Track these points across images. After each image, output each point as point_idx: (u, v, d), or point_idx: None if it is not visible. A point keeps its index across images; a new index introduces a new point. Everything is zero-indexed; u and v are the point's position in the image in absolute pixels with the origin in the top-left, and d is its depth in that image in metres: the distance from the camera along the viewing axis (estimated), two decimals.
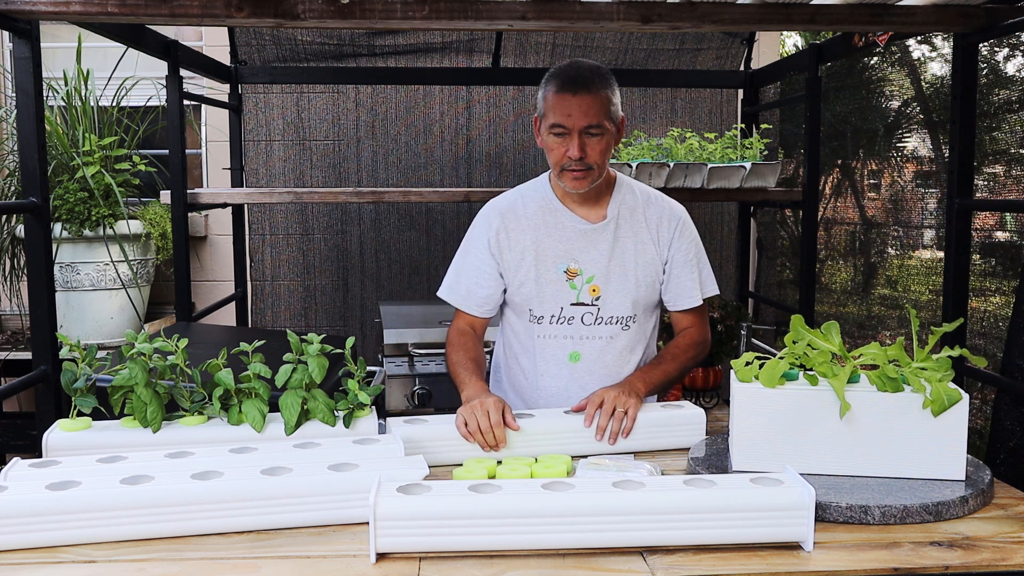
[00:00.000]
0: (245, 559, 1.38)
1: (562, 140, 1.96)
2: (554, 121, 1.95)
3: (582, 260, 2.06)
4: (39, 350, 2.12)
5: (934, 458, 1.62)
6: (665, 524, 1.39)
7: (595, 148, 1.96)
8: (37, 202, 2.07)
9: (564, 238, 2.07)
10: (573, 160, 1.95)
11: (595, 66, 1.99)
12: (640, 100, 3.75)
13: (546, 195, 2.11)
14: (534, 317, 2.09)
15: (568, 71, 1.97)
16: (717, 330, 2.54)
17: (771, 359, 1.69)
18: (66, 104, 3.70)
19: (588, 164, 1.96)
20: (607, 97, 1.96)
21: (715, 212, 3.81)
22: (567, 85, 1.94)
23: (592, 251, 2.06)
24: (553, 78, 1.98)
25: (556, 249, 2.07)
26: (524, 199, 2.12)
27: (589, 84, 1.94)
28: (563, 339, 2.08)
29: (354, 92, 3.67)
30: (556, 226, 2.08)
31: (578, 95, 1.92)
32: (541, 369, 2.11)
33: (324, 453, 1.63)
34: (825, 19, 2.11)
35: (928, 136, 3.74)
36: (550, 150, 2.00)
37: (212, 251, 4.74)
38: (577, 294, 2.06)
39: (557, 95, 1.94)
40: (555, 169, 2.02)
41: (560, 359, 2.09)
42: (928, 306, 3.53)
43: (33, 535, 1.40)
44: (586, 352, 2.08)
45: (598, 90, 1.94)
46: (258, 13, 2.00)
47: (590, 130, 1.94)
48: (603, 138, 1.96)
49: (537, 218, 2.08)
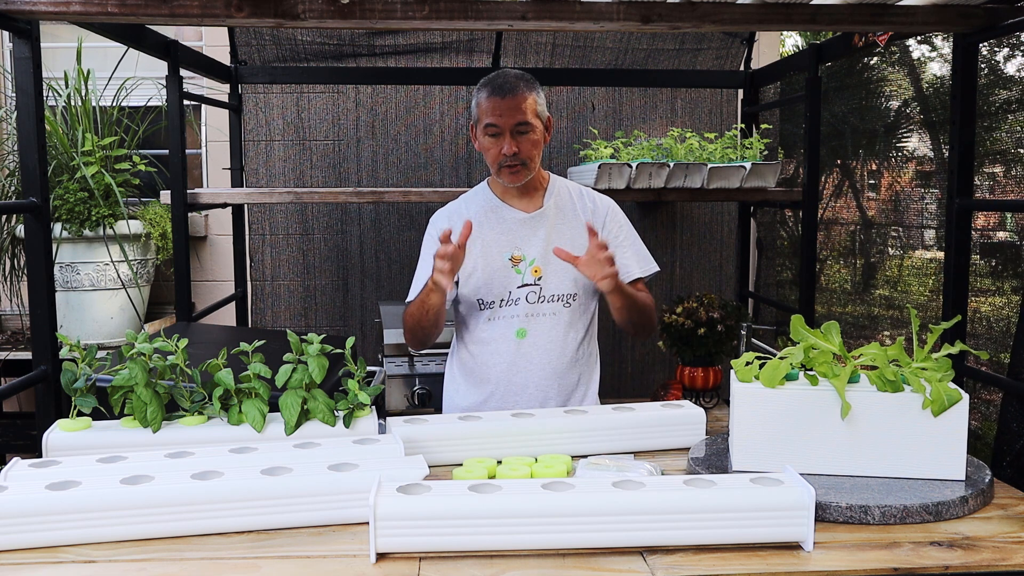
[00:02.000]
0: (245, 559, 1.38)
1: (496, 140, 2.16)
2: (488, 122, 2.15)
3: (524, 247, 2.24)
4: (39, 350, 2.12)
5: (934, 458, 1.62)
6: (665, 524, 1.39)
7: (526, 144, 2.16)
8: (37, 202, 2.07)
9: (506, 229, 2.25)
10: (508, 156, 2.14)
11: (520, 73, 2.21)
12: (640, 100, 3.75)
13: (486, 196, 2.31)
14: (484, 303, 2.24)
15: (496, 79, 2.17)
16: (717, 330, 2.54)
17: (771, 359, 1.69)
18: (66, 104, 3.70)
19: (522, 159, 2.16)
20: (533, 99, 2.16)
21: (715, 212, 3.81)
22: (497, 90, 2.14)
23: (532, 237, 2.24)
24: (484, 86, 2.18)
25: (500, 240, 2.25)
26: (468, 202, 2.33)
27: (515, 88, 2.14)
28: (511, 318, 2.24)
29: (354, 92, 3.67)
30: (497, 220, 2.26)
31: (506, 98, 2.13)
32: (491, 348, 2.25)
33: (324, 453, 1.63)
34: (825, 19, 2.11)
35: (928, 136, 3.74)
36: (487, 150, 2.19)
37: (212, 251, 4.74)
38: (522, 277, 2.23)
39: (488, 99, 2.15)
40: (493, 167, 2.21)
41: (508, 336, 2.24)
42: (928, 306, 3.53)
43: (33, 535, 1.40)
44: (532, 328, 2.23)
45: (524, 92, 2.15)
46: (258, 13, 2.00)
47: (520, 127, 2.14)
48: (533, 134, 2.16)
49: (480, 216, 2.26)
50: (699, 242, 3.81)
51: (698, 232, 3.81)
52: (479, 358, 2.27)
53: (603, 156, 3.03)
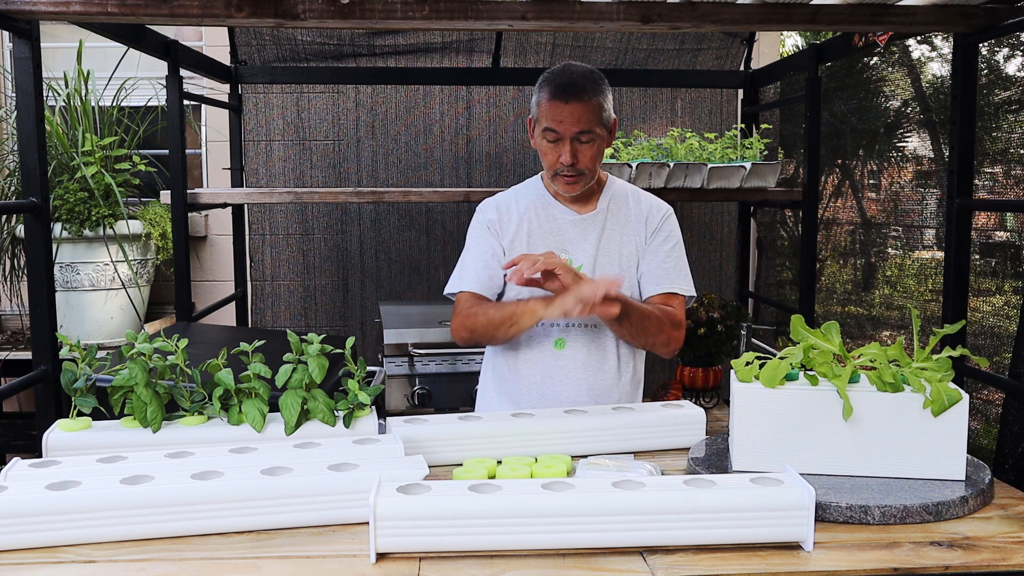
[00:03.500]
0: (245, 559, 1.38)
1: (555, 146, 2.01)
2: (547, 126, 2.00)
3: (572, 250, 2.11)
4: (39, 350, 2.12)
5: (934, 458, 1.62)
6: (665, 524, 1.39)
7: (586, 154, 2.01)
8: (37, 202, 2.07)
9: (555, 228, 2.13)
10: (565, 166, 2.01)
11: (588, 71, 2.02)
12: (640, 100, 3.75)
13: (539, 191, 2.17)
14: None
15: (561, 77, 2.00)
16: (717, 330, 2.54)
17: (771, 359, 1.69)
18: (66, 104, 3.70)
19: (580, 170, 2.02)
20: (599, 104, 2.00)
21: (715, 212, 3.81)
22: (560, 92, 1.97)
23: (582, 241, 2.11)
24: (546, 84, 2.01)
25: (548, 239, 2.12)
26: (518, 195, 2.19)
27: (581, 92, 1.97)
28: (550, 326, 2.11)
29: (354, 92, 3.67)
30: (548, 218, 2.14)
31: (570, 103, 1.96)
32: (525, 356, 2.13)
33: (324, 453, 1.63)
34: (825, 19, 2.11)
35: (928, 136, 3.74)
36: (544, 154, 2.06)
37: (212, 251, 4.74)
38: None
39: (550, 102, 1.98)
40: (548, 172, 2.08)
41: (545, 346, 2.12)
42: (928, 306, 3.53)
43: (33, 535, 1.40)
44: (571, 339, 2.10)
45: (590, 97, 1.98)
46: (258, 13, 2.00)
47: (581, 136, 1.99)
48: (594, 144, 2.02)
49: (530, 212, 2.14)
50: (699, 242, 3.81)
51: (698, 232, 3.81)
52: (513, 366, 2.15)
53: (603, 156, 3.02)
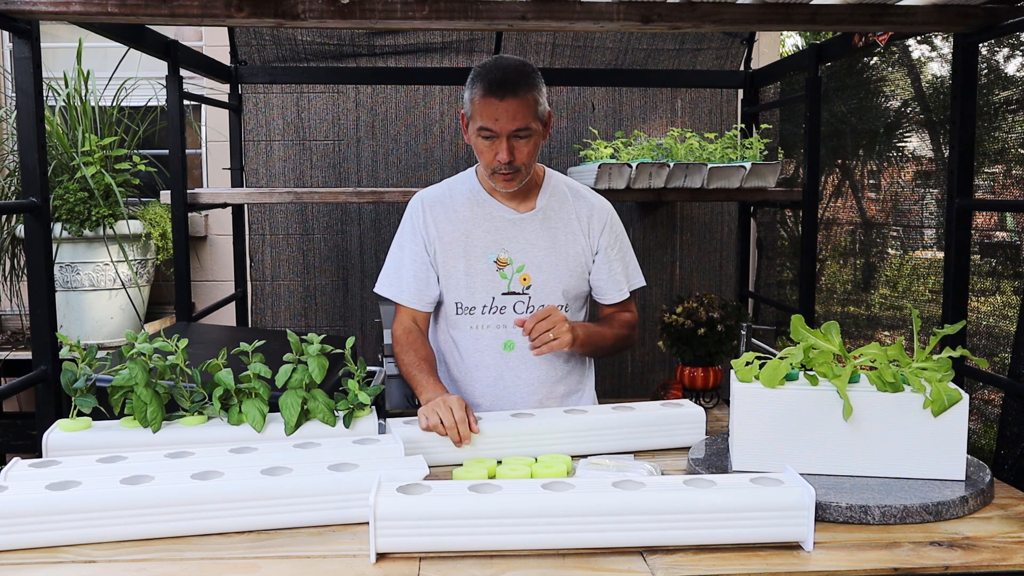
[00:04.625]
0: (245, 559, 1.38)
1: (491, 143, 1.98)
2: (481, 124, 1.97)
3: (512, 249, 2.09)
4: (39, 350, 2.12)
5: (934, 458, 1.62)
6: (665, 524, 1.39)
7: (523, 151, 1.99)
8: (37, 202, 2.07)
9: (493, 228, 2.10)
10: (503, 164, 1.98)
11: (520, 64, 2.00)
12: (640, 100, 3.75)
13: (474, 187, 2.14)
14: (464, 308, 2.11)
15: (494, 72, 1.96)
16: (717, 330, 2.54)
17: (771, 359, 1.69)
18: (66, 104, 3.70)
19: (517, 167, 2.00)
20: (534, 99, 1.97)
21: (715, 212, 3.81)
22: (493, 89, 1.93)
23: (521, 240, 2.10)
24: (479, 80, 1.97)
25: (485, 239, 2.10)
26: (452, 191, 2.16)
27: (516, 87, 1.94)
28: (496, 328, 2.11)
29: (354, 92, 3.67)
30: (485, 216, 2.11)
31: (504, 100, 1.93)
32: (476, 360, 2.13)
33: (324, 453, 1.63)
34: (825, 19, 2.11)
35: (928, 136, 3.74)
36: (480, 152, 2.03)
37: (212, 251, 4.74)
38: (508, 283, 2.09)
39: (484, 99, 1.95)
40: (486, 170, 2.05)
41: (494, 349, 2.12)
42: (928, 306, 3.53)
43: (33, 535, 1.40)
44: (520, 340, 2.08)
45: (524, 93, 1.95)
46: (258, 13, 2.00)
47: (518, 133, 1.97)
48: (531, 139, 1.99)
49: (466, 210, 2.11)
50: (699, 242, 3.81)
51: (698, 232, 3.81)
52: (463, 371, 2.15)
53: (603, 156, 3.03)
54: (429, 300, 2.14)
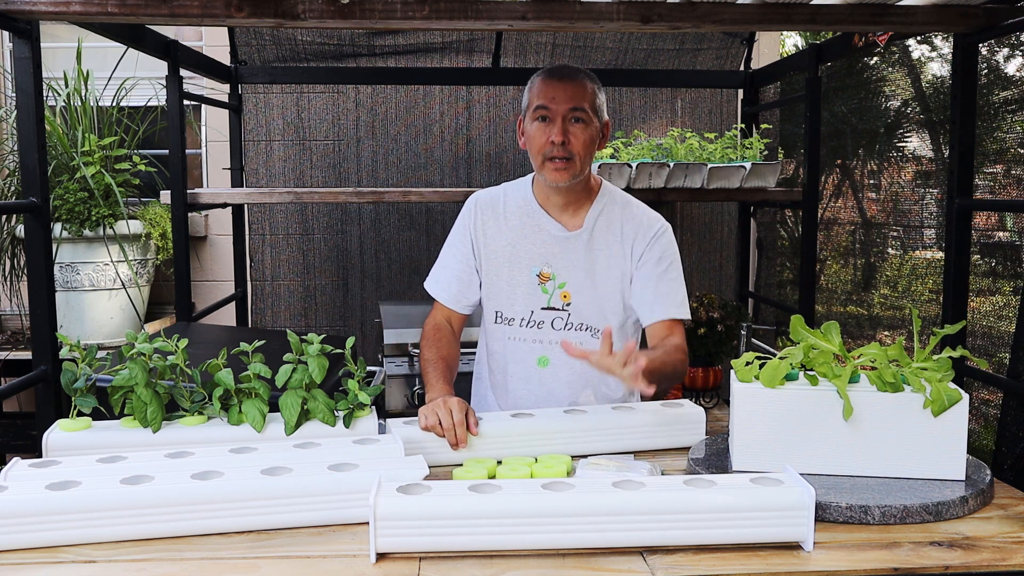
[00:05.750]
0: (245, 559, 1.38)
1: (545, 126, 1.96)
2: (539, 103, 1.96)
3: (555, 265, 2.06)
4: (39, 350, 2.12)
5: (934, 458, 1.62)
6: (665, 524, 1.39)
7: (579, 137, 1.95)
8: (37, 202, 2.07)
9: (539, 241, 2.08)
10: (556, 146, 1.93)
11: (582, 67, 2.07)
12: (640, 100, 3.75)
13: (527, 196, 2.11)
14: (504, 319, 2.10)
15: (555, 66, 2.04)
16: (717, 330, 2.54)
17: (771, 359, 1.69)
18: (66, 104, 3.70)
19: (570, 152, 1.95)
20: (592, 90, 1.99)
21: (715, 212, 3.81)
22: (553, 73, 1.99)
23: (565, 258, 2.06)
24: (540, 73, 2.04)
25: (531, 252, 2.07)
26: (507, 197, 2.14)
27: (576, 74, 1.99)
28: (533, 343, 2.08)
29: (354, 92, 3.67)
30: (533, 228, 2.08)
31: (563, 81, 1.96)
32: (511, 371, 2.12)
33: (324, 453, 1.63)
34: (825, 19, 2.11)
35: (928, 136, 3.74)
36: (532, 139, 1.99)
37: (212, 251, 4.74)
38: (548, 298, 2.07)
39: (543, 82, 1.98)
40: (537, 160, 2.00)
41: (529, 363, 2.10)
42: (928, 306, 3.53)
43: (33, 535, 1.40)
44: (555, 357, 2.07)
45: (583, 79, 1.99)
46: (258, 13, 2.00)
47: (574, 113, 1.94)
48: (587, 128, 1.96)
49: (515, 219, 2.10)
50: (699, 242, 3.81)
51: (698, 232, 3.82)
52: (500, 380, 2.14)
53: (603, 156, 3.03)
54: (467, 303, 2.14)
